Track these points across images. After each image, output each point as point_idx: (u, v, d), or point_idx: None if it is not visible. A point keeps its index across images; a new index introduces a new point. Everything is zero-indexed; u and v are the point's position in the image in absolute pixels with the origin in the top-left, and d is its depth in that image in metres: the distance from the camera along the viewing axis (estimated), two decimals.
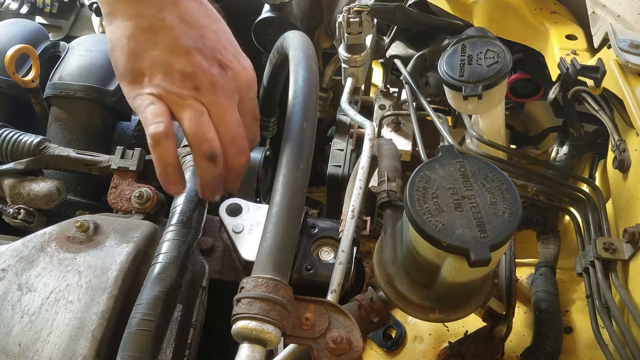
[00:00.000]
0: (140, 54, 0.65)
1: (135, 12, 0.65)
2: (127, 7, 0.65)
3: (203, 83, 0.66)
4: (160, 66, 0.65)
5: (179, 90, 0.65)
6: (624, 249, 0.82)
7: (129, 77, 0.66)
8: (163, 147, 0.65)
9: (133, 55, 0.65)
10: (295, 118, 0.69)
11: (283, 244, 0.60)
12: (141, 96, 0.66)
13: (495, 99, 0.96)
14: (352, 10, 1.09)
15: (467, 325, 0.86)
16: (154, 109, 0.65)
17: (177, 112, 0.66)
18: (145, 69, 0.65)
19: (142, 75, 0.66)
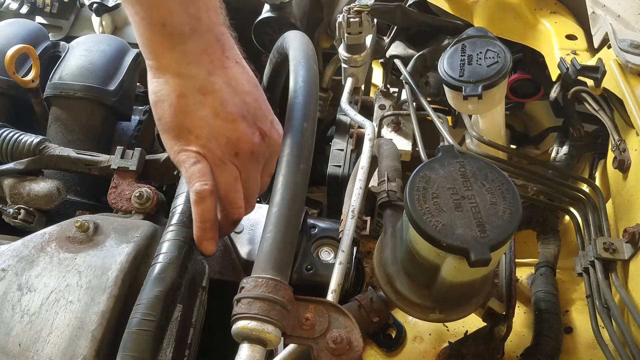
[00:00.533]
0: (189, 113, 0.69)
1: (186, 72, 0.69)
2: (179, 66, 0.68)
3: (244, 150, 0.71)
4: (208, 128, 0.69)
5: (222, 154, 0.70)
6: (624, 249, 0.82)
7: (175, 132, 0.70)
8: (207, 205, 0.70)
9: (182, 113, 0.69)
10: (295, 118, 0.69)
11: (283, 244, 0.60)
12: (187, 153, 0.70)
13: (495, 99, 0.96)
14: (352, 10, 1.09)
15: (467, 325, 0.86)
16: (201, 167, 0.69)
17: (215, 172, 0.71)
18: (192, 128, 0.69)
19: (189, 133, 0.69)
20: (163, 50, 0.68)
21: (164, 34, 0.67)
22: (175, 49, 0.68)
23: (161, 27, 0.67)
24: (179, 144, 0.70)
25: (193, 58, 0.69)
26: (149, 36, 0.68)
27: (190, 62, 0.69)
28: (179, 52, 0.68)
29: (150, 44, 0.69)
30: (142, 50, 0.71)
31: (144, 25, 0.68)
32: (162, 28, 0.67)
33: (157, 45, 0.68)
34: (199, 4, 0.69)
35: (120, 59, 1.11)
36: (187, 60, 0.69)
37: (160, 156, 0.90)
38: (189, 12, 0.67)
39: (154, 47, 0.69)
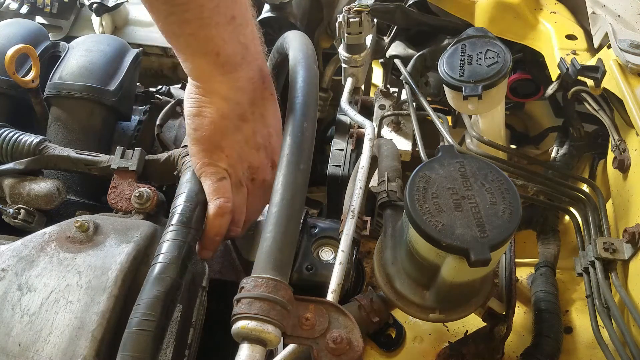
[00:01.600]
0: (227, 134, 0.74)
1: (234, 97, 0.73)
2: (228, 91, 0.72)
3: (259, 178, 0.79)
4: (238, 151, 0.75)
5: (242, 177, 0.77)
6: (624, 249, 0.82)
7: (208, 146, 0.74)
8: (225, 220, 0.75)
9: (220, 133, 0.74)
10: (295, 118, 0.69)
11: (283, 244, 0.60)
12: (216, 167, 0.75)
13: (495, 99, 0.96)
14: (352, 10, 1.09)
15: (467, 325, 0.86)
16: (226, 184, 0.75)
17: (232, 190, 0.76)
18: (225, 148, 0.74)
19: (221, 151, 0.74)
20: (214, 76, 0.71)
21: (218, 62, 0.70)
22: (226, 75, 0.71)
23: (215, 57, 0.69)
24: (209, 158, 0.74)
25: (241, 85, 0.73)
26: (201, 64, 0.71)
27: (237, 89, 0.73)
28: (229, 79, 0.72)
29: (201, 70, 0.72)
30: (189, 72, 0.73)
31: (195, 54, 0.70)
32: (216, 57, 0.69)
33: (208, 71, 0.71)
34: (246, 33, 0.71)
35: (120, 59, 1.11)
36: (236, 86, 0.72)
37: (160, 156, 0.90)
38: (240, 41, 0.70)
39: (204, 73, 0.72)
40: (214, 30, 0.67)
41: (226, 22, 0.67)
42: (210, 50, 0.68)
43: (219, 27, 0.67)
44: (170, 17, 0.66)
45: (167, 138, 1.06)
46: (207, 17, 0.66)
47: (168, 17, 0.67)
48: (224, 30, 0.68)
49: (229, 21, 0.68)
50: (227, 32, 0.68)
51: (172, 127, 1.12)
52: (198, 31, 0.67)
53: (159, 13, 0.67)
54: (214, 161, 0.74)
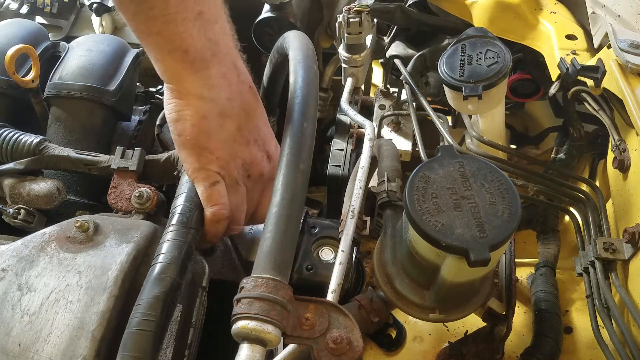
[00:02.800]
0: (211, 134, 0.72)
1: (208, 96, 0.71)
2: (201, 89, 0.70)
3: (255, 173, 0.78)
4: (227, 150, 0.73)
5: (237, 175, 0.76)
6: (624, 249, 0.82)
7: (196, 150, 0.73)
8: (221, 226, 0.75)
9: (204, 134, 0.72)
10: (295, 118, 0.69)
11: (283, 244, 0.60)
12: (207, 171, 0.73)
13: (495, 99, 0.96)
14: (352, 10, 1.09)
15: (467, 325, 0.86)
16: (219, 189, 0.74)
17: (228, 192, 0.75)
18: (214, 149, 0.73)
19: (210, 153, 0.73)
20: (186, 75, 0.70)
21: (187, 60, 0.69)
22: (197, 73, 0.70)
23: (183, 54, 0.68)
24: (200, 162, 0.73)
25: (214, 82, 0.71)
26: (171, 63, 0.69)
27: (211, 86, 0.71)
28: (201, 77, 0.70)
29: (172, 70, 0.70)
30: (162, 75, 0.72)
31: (164, 53, 0.69)
32: (184, 55, 0.68)
33: (179, 70, 0.70)
34: (215, 29, 0.70)
35: (120, 59, 1.12)
36: (209, 84, 0.71)
37: (160, 156, 0.90)
38: (208, 36, 0.69)
39: (175, 72, 0.70)
40: (181, 26, 0.66)
41: (193, 18, 0.66)
42: (178, 47, 0.67)
43: (185, 23, 0.66)
44: (137, 15, 0.66)
45: (167, 138, 1.06)
46: (173, 13, 0.65)
47: (135, 15, 0.66)
48: (191, 26, 0.66)
49: (196, 17, 0.67)
50: (194, 27, 0.67)
51: None
52: (164, 28, 0.66)
53: (127, 12, 0.67)
54: (204, 165, 0.73)
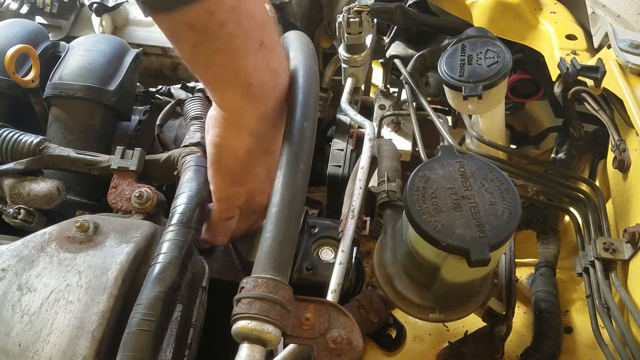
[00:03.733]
0: (250, 168, 0.73)
1: (261, 131, 0.71)
2: (256, 123, 0.69)
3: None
4: (259, 185, 0.74)
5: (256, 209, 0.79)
6: (624, 249, 0.82)
7: (230, 179, 0.74)
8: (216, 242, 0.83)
9: (244, 167, 0.73)
10: (295, 118, 0.69)
11: (283, 244, 0.60)
12: (230, 205, 0.76)
13: (495, 99, 0.96)
14: (352, 10, 1.09)
15: (467, 325, 0.86)
16: (231, 224, 0.79)
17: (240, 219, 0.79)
18: (246, 181, 0.74)
19: (240, 186, 0.74)
20: (245, 109, 0.68)
21: (249, 94, 0.66)
22: (257, 109, 0.68)
23: (247, 88, 0.65)
24: (228, 193, 0.75)
25: (270, 119, 0.70)
26: (232, 96, 0.66)
27: (266, 122, 0.70)
28: (260, 113, 0.68)
29: (232, 103, 0.68)
30: (220, 105, 0.69)
31: (225, 86, 0.65)
32: (248, 89, 0.65)
33: (239, 104, 0.67)
34: (275, 57, 0.67)
35: (120, 59, 1.11)
36: (265, 121, 0.70)
37: (160, 156, 0.90)
38: (271, 67, 0.66)
39: (235, 105, 0.68)
40: (245, 59, 0.62)
41: (256, 50, 0.63)
42: (242, 81, 0.64)
43: (249, 56, 0.62)
44: (198, 47, 0.61)
45: (167, 138, 1.06)
46: (237, 45, 0.61)
47: (196, 47, 0.61)
48: (254, 58, 0.63)
49: (259, 47, 0.63)
50: (257, 59, 0.63)
51: (172, 127, 1.12)
52: (228, 62, 0.62)
53: (184, 42, 0.61)
54: (229, 198, 0.75)
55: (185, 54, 0.63)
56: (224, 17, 0.58)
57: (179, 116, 1.12)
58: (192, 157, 0.85)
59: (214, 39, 0.60)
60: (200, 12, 0.57)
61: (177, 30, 0.60)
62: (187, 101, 1.05)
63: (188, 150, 0.88)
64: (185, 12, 0.57)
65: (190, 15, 0.57)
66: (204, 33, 0.59)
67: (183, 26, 0.59)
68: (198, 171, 0.81)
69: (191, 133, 0.94)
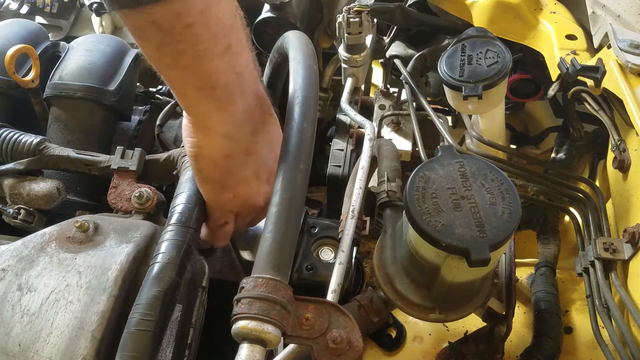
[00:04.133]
0: (233, 173, 0.72)
1: (234, 133, 0.69)
2: (226, 127, 0.68)
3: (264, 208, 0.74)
4: (247, 188, 0.73)
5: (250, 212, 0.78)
6: (624, 249, 0.82)
7: (215, 187, 0.73)
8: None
9: (226, 173, 0.72)
10: (294, 118, 0.69)
11: (283, 244, 0.60)
12: (222, 211, 0.75)
13: (495, 99, 0.96)
14: (352, 10, 1.09)
15: (467, 325, 0.86)
16: (227, 230, 0.77)
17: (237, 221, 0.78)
18: (233, 187, 0.73)
19: (228, 192, 0.73)
20: (212, 112, 0.67)
21: (214, 96, 0.65)
22: (224, 110, 0.67)
23: (211, 91, 0.65)
24: (218, 200, 0.74)
25: (239, 118, 0.69)
26: (196, 99, 0.66)
27: (237, 123, 0.69)
28: (226, 114, 0.67)
29: (197, 106, 0.67)
30: (186, 109, 0.69)
31: (189, 88, 0.65)
32: (212, 91, 0.65)
33: (204, 107, 0.67)
34: (241, 61, 0.66)
35: (120, 59, 1.11)
36: (234, 120, 0.68)
37: (160, 156, 0.90)
38: (235, 70, 0.65)
39: (200, 108, 0.67)
40: (210, 62, 0.62)
41: (222, 52, 0.62)
42: (206, 84, 0.64)
43: (214, 59, 0.62)
44: (163, 47, 0.60)
45: (167, 138, 1.06)
46: (203, 48, 0.60)
47: (161, 47, 0.60)
48: (219, 61, 0.62)
49: (225, 51, 0.62)
50: (223, 62, 0.63)
51: (172, 127, 1.12)
52: (193, 63, 0.61)
53: (150, 42, 0.60)
54: (221, 204, 0.74)
55: (149, 53, 0.62)
56: (192, 19, 0.57)
57: (179, 116, 1.12)
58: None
59: (179, 40, 0.59)
60: (168, 12, 0.56)
61: (142, 28, 0.59)
62: None
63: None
64: (151, 11, 0.56)
65: (156, 14, 0.56)
66: (169, 34, 0.58)
67: (149, 25, 0.58)
68: None
69: None
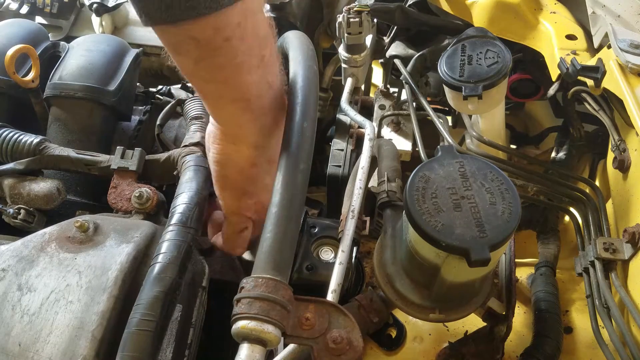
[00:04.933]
0: (256, 181, 0.73)
1: (262, 143, 0.70)
2: (257, 138, 0.69)
3: None
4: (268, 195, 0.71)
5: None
6: (624, 249, 0.82)
7: (237, 194, 0.74)
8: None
9: (251, 181, 0.72)
10: (294, 118, 0.69)
11: (283, 244, 0.60)
12: (241, 217, 0.75)
13: (495, 99, 0.96)
14: (352, 10, 1.09)
15: (467, 325, 0.86)
16: (246, 235, 0.77)
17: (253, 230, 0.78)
18: (254, 194, 0.73)
19: (249, 198, 0.74)
20: (244, 123, 0.68)
21: (248, 108, 0.66)
22: (256, 122, 0.68)
23: (246, 103, 0.65)
24: (238, 206, 0.74)
25: (271, 130, 0.70)
26: (231, 111, 0.66)
27: (266, 134, 0.70)
28: (259, 125, 0.68)
29: (231, 117, 0.67)
30: (214, 117, 0.69)
31: (225, 101, 0.65)
32: (247, 103, 0.65)
33: (238, 118, 0.67)
34: (274, 71, 0.66)
35: (120, 59, 1.11)
36: (266, 132, 0.69)
37: (160, 156, 0.90)
38: (268, 81, 0.66)
39: (234, 119, 0.68)
40: (247, 75, 0.62)
41: (257, 64, 0.62)
42: (242, 96, 0.64)
43: (250, 72, 0.62)
44: (201, 62, 0.60)
45: (167, 138, 1.06)
46: (240, 61, 0.60)
47: (199, 62, 0.60)
48: (255, 74, 0.63)
49: (260, 62, 0.63)
50: (257, 74, 0.63)
51: (172, 127, 1.12)
52: (230, 77, 0.61)
53: (188, 57, 0.60)
54: (241, 210, 0.74)
55: (186, 67, 0.62)
56: (230, 32, 0.57)
57: (179, 116, 1.12)
58: (191, 157, 0.85)
59: (217, 54, 0.58)
60: (206, 27, 0.56)
61: (180, 44, 0.59)
62: (187, 101, 1.05)
63: (188, 150, 0.88)
64: (190, 27, 0.55)
65: (195, 29, 0.56)
66: (208, 49, 0.58)
67: (187, 40, 0.57)
68: (198, 171, 0.81)
69: (191, 133, 0.94)
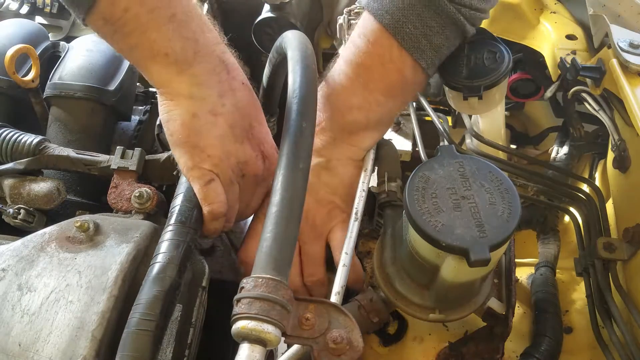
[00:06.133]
0: (202, 133, 0.72)
1: (198, 94, 0.71)
2: (190, 88, 0.71)
3: (249, 173, 0.78)
4: (220, 149, 0.73)
5: (232, 174, 0.75)
6: (624, 249, 0.82)
7: (187, 148, 0.73)
8: (218, 224, 0.76)
9: (194, 132, 0.72)
10: (293, 117, 0.69)
11: (283, 244, 0.60)
12: (201, 170, 0.73)
13: (495, 99, 0.96)
14: (353, 12, 1.09)
15: (467, 325, 0.86)
16: (215, 186, 0.73)
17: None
18: (205, 147, 0.72)
19: (201, 151, 0.73)
20: (171, 77, 0.70)
21: (169, 62, 0.69)
22: (182, 73, 0.70)
23: (165, 57, 0.69)
24: (193, 160, 0.73)
25: (202, 79, 0.71)
26: (155, 69, 0.70)
27: (200, 84, 0.71)
28: (187, 76, 0.70)
29: (158, 74, 0.71)
30: (149, 79, 0.72)
31: (147, 61, 0.70)
32: (165, 58, 0.69)
33: (164, 73, 0.70)
34: (192, 27, 0.70)
35: (120, 59, 1.11)
36: (197, 82, 0.71)
37: (160, 156, 0.90)
38: (185, 36, 0.69)
39: (161, 76, 0.71)
40: (155, 32, 0.67)
41: (166, 22, 0.68)
42: (157, 52, 0.68)
43: (159, 29, 0.67)
44: (114, 35, 0.68)
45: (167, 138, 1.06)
46: (145, 23, 0.67)
47: (113, 36, 0.68)
48: (165, 29, 0.68)
49: (169, 20, 0.68)
50: (169, 30, 0.68)
51: None
52: (141, 39, 0.68)
53: (106, 35, 0.69)
54: (197, 163, 0.73)
55: (113, 46, 0.71)
56: (125, 2, 0.65)
57: None
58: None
59: (123, 24, 0.66)
60: (105, 4, 0.64)
61: (98, 28, 0.68)
62: None
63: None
64: (95, 10, 0.65)
65: (99, 11, 0.65)
66: (113, 22, 0.66)
67: (100, 23, 0.66)
68: None
69: None
